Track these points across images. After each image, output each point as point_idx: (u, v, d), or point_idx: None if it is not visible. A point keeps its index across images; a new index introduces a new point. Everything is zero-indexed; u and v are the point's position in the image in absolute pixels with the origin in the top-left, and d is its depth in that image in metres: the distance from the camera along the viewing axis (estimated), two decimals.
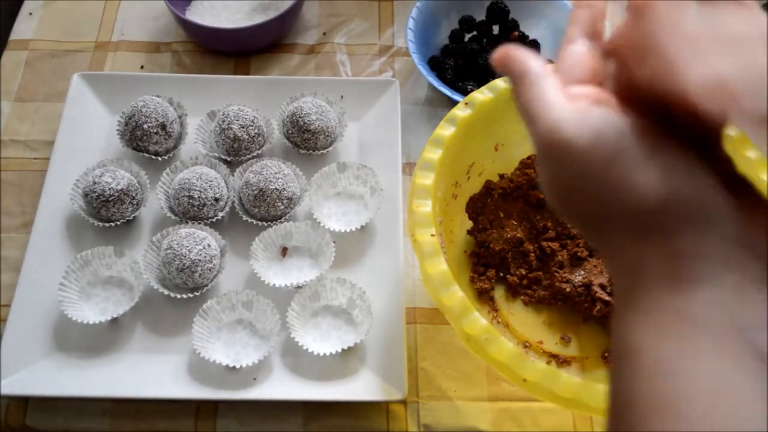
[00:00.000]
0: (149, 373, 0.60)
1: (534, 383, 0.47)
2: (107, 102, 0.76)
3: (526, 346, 0.63)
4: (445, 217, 0.61)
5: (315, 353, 0.59)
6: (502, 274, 0.66)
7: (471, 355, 0.53)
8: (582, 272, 0.65)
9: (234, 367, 0.59)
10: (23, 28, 0.85)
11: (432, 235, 0.52)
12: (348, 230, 0.67)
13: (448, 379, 0.63)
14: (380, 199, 0.68)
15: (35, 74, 0.81)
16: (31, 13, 0.86)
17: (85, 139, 0.73)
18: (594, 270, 0.65)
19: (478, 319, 0.49)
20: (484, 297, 0.65)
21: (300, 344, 0.60)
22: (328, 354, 0.59)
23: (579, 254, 0.65)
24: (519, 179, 0.67)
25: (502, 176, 0.68)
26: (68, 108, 0.74)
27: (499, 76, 0.77)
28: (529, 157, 0.68)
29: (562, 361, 0.62)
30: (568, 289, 0.64)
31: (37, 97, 0.79)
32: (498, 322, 0.64)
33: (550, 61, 0.36)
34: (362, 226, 0.68)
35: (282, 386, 0.60)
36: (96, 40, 0.85)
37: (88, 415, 0.60)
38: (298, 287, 0.63)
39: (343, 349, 0.60)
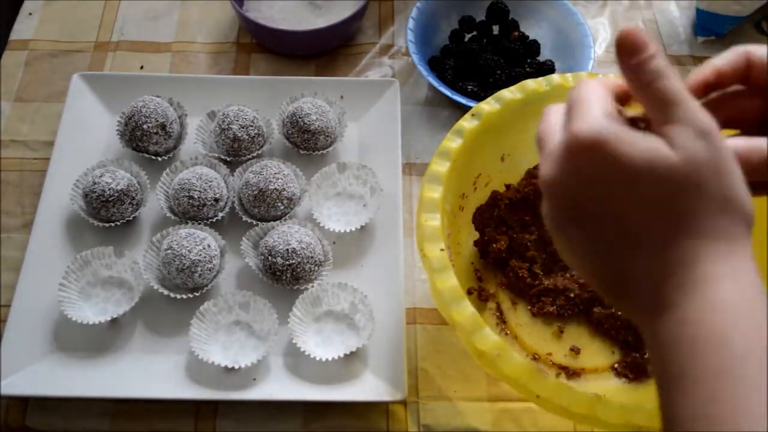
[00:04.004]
0: (149, 373, 0.60)
1: (547, 399, 0.46)
2: (107, 102, 0.76)
3: (535, 359, 0.62)
4: (452, 228, 0.61)
5: (318, 358, 0.59)
6: (505, 279, 0.66)
7: (471, 355, 0.53)
8: None
9: (233, 367, 0.59)
10: (23, 28, 0.85)
11: (441, 250, 0.52)
12: (348, 230, 0.67)
13: (448, 379, 0.63)
14: (380, 200, 0.68)
15: (35, 74, 0.81)
16: (31, 13, 0.86)
17: (85, 139, 0.73)
18: None
19: (490, 335, 0.48)
20: (489, 304, 0.65)
21: (302, 350, 0.60)
22: (330, 359, 0.59)
23: None
24: (526, 189, 0.65)
25: (508, 186, 0.67)
26: (68, 108, 0.74)
27: (500, 77, 0.77)
28: (535, 167, 0.67)
29: (572, 373, 0.62)
30: (572, 295, 0.64)
31: (37, 97, 0.79)
32: (506, 334, 0.64)
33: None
34: (362, 227, 0.68)
35: (282, 387, 0.60)
36: (96, 40, 0.85)
37: (88, 415, 0.60)
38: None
39: (345, 354, 0.60)
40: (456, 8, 0.83)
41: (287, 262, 0.62)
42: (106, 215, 0.66)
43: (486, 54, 0.79)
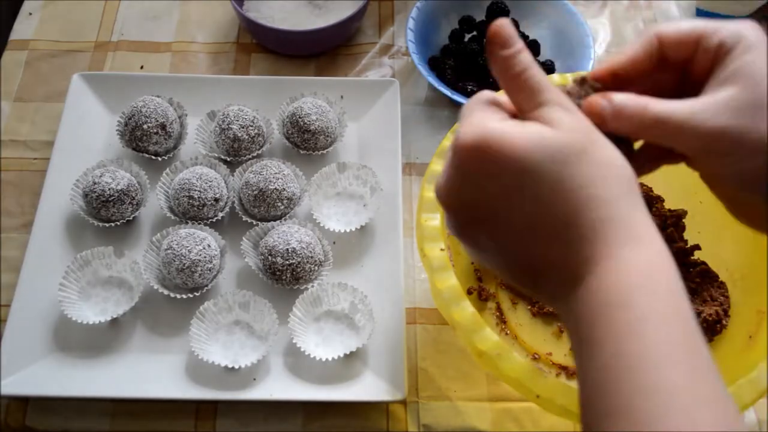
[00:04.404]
0: (149, 373, 0.60)
1: (547, 399, 0.46)
2: (107, 102, 0.76)
3: (534, 358, 0.62)
4: None
5: (318, 358, 0.59)
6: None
7: (471, 355, 0.53)
8: None
9: (233, 367, 0.59)
10: (23, 28, 0.85)
11: (441, 250, 0.52)
12: (348, 230, 0.67)
13: (448, 379, 0.63)
14: (380, 199, 0.68)
15: (35, 74, 0.81)
16: (31, 13, 0.86)
17: (85, 139, 0.73)
18: None
19: (490, 335, 0.48)
20: (488, 304, 0.65)
21: (302, 350, 0.60)
22: (330, 359, 0.59)
23: None
24: None
25: None
26: (68, 108, 0.74)
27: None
28: None
29: (572, 373, 0.62)
30: None
31: (37, 97, 0.79)
32: (506, 334, 0.64)
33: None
34: (362, 226, 0.68)
35: (282, 386, 0.60)
36: (96, 40, 0.85)
37: (88, 415, 0.60)
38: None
39: (345, 354, 0.60)
40: (456, 8, 0.83)
41: (287, 262, 0.62)
42: (106, 215, 0.66)
43: (486, 54, 0.79)
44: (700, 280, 0.63)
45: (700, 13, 0.86)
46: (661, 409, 0.29)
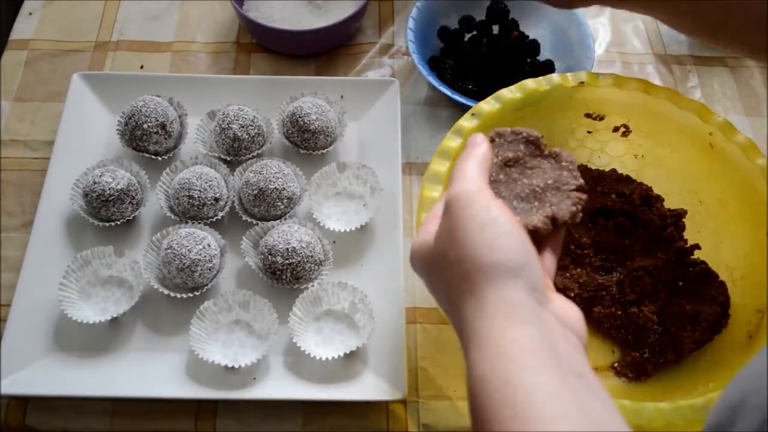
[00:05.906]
0: (149, 372, 0.60)
1: None
2: (107, 102, 0.76)
3: None
4: None
5: (318, 358, 0.60)
6: None
7: None
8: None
9: (233, 367, 0.59)
10: (23, 28, 0.85)
11: None
12: (348, 230, 0.67)
13: (448, 378, 0.63)
14: (380, 199, 0.68)
15: (35, 74, 0.81)
16: (31, 13, 0.87)
17: (85, 139, 0.73)
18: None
19: None
20: None
21: (302, 349, 0.60)
22: (330, 359, 0.59)
23: (584, 260, 0.65)
24: None
25: None
26: (68, 108, 0.74)
27: (500, 78, 0.77)
28: None
29: None
30: (572, 294, 0.64)
31: (37, 97, 0.79)
32: None
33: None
34: (362, 226, 0.68)
35: (282, 386, 0.60)
36: (96, 40, 0.85)
37: (88, 415, 0.60)
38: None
39: (345, 353, 0.60)
40: (456, 8, 0.83)
41: (287, 261, 0.62)
42: (106, 215, 0.66)
43: (486, 54, 0.79)
44: (700, 280, 0.63)
45: None
46: None
